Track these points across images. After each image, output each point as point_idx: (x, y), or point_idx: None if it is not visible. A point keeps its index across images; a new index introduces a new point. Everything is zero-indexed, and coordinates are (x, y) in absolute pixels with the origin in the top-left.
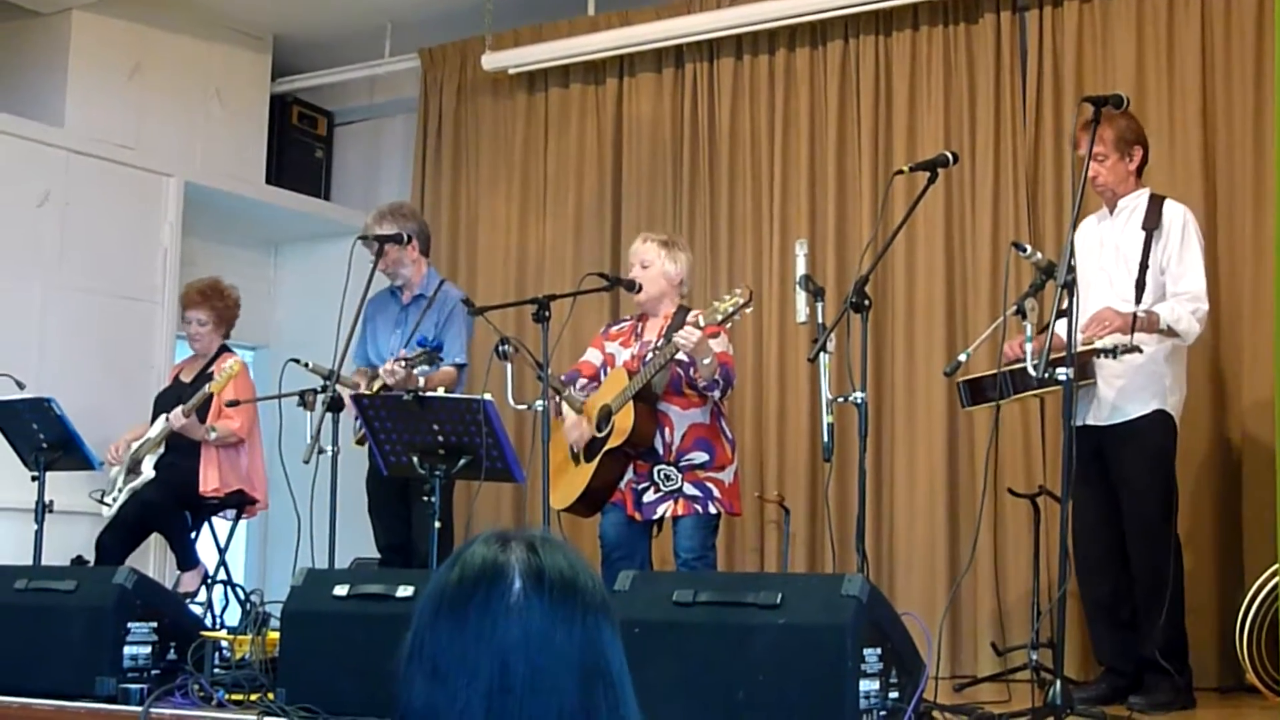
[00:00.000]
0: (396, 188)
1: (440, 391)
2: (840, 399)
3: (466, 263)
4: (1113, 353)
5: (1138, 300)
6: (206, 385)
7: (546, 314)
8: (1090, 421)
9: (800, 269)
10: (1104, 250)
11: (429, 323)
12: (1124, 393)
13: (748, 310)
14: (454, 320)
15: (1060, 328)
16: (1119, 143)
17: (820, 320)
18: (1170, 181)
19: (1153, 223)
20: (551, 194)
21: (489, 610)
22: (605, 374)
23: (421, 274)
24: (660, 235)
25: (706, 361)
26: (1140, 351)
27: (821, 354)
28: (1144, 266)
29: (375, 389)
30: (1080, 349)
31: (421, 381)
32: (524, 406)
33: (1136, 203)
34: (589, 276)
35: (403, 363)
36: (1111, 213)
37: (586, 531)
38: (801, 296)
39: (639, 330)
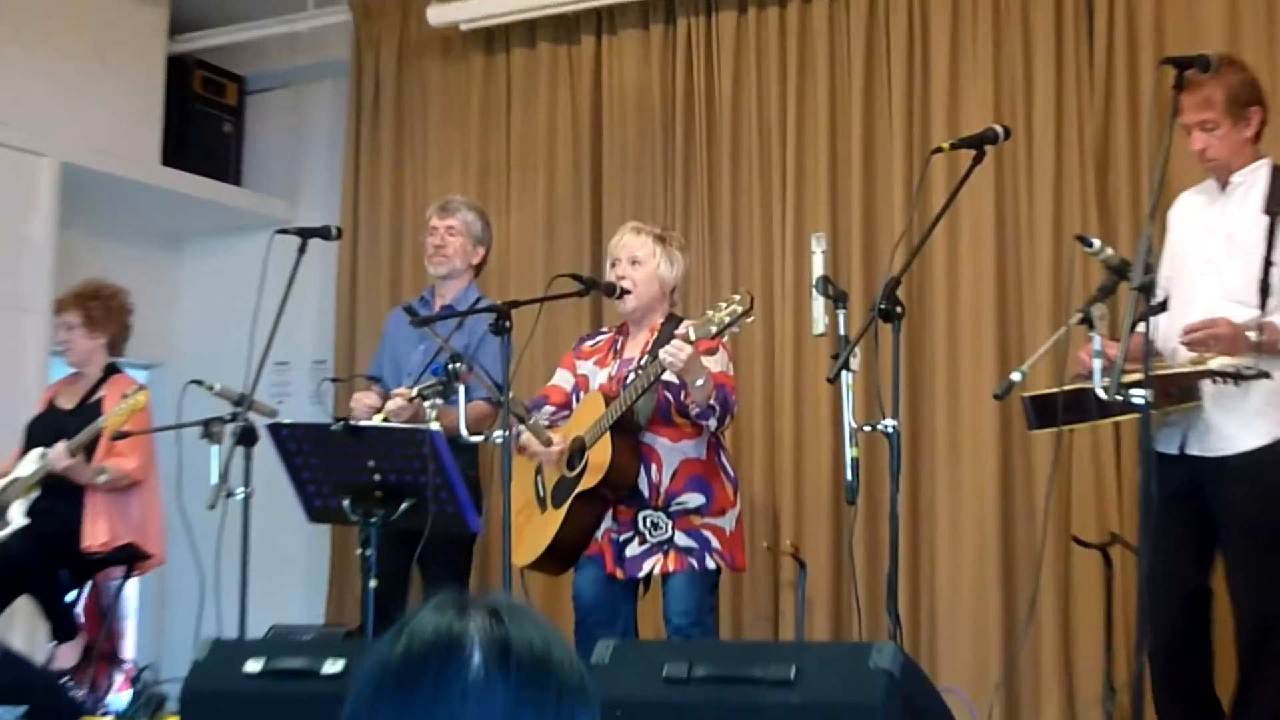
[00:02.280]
0: (324, 170)
1: (434, 426)
2: (867, 427)
3: (412, 261)
4: (1233, 378)
5: (1261, 305)
6: (101, 419)
7: (507, 325)
8: (1193, 451)
9: (818, 269)
10: (1213, 239)
11: (457, 344)
12: (1239, 418)
13: (749, 319)
14: (486, 347)
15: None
16: (1231, 105)
17: (842, 332)
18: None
19: (1277, 205)
20: (516, 178)
21: (442, 691)
22: (577, 400)
23: (463, 284)
24: (654, 227)
25: (700, 383)
26: (1269, 377)
27: (844, 373)
28: (1269, 263)
29: (379, 419)
30: (1186, 369)
31: (433, 416)
32: (479, 438)
33: (1254, 178)
34: (560, 279)
35: (413, 395)
36: (1223, 189)
37: (557, 593)
38: (819, 303)
39: (618, 346)
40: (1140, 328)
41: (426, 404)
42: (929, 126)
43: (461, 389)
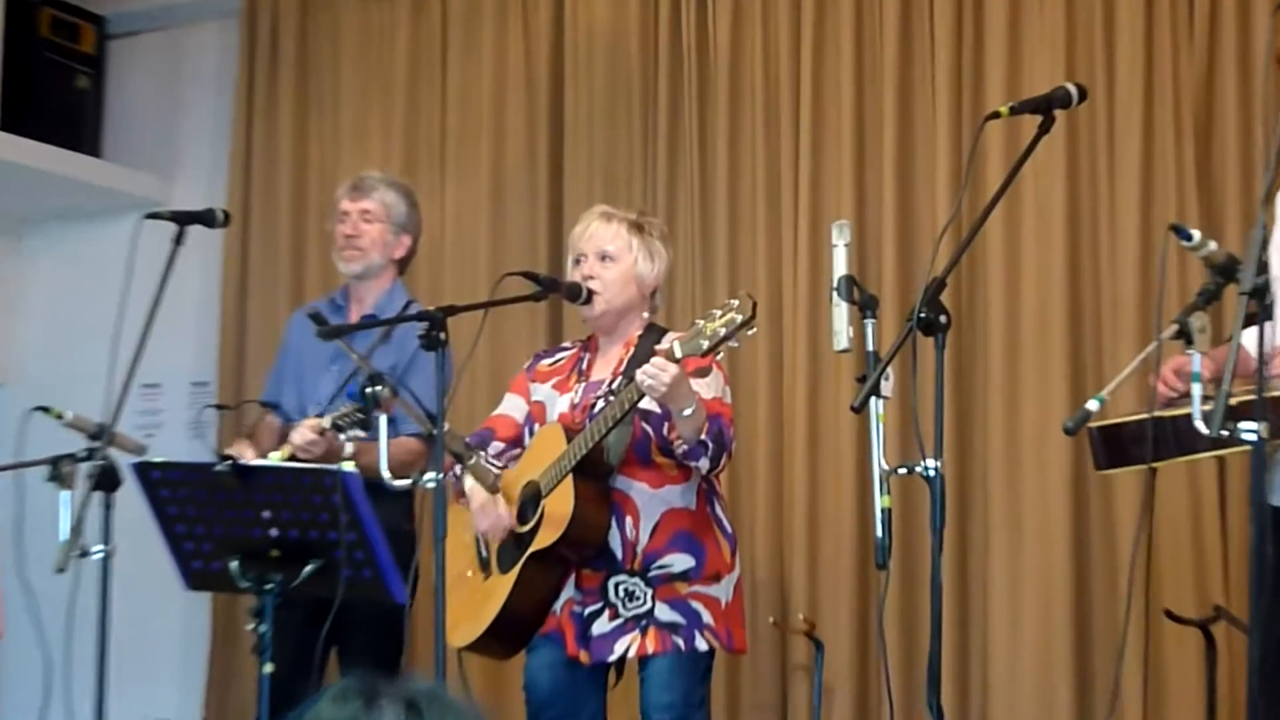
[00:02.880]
0: (206, 138)
1: (348, 466)
2: (903, 470)
3: (318, 252)
4: None
5: None
6: None
7: (442, 337)
8: None
9: (840, 267)
10: None
11: (382, 362)
12: None
13: (751, 331)
14: (419, 366)
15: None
16: None
17: (871, 347)
18: None
19: None
20: (453, 148)
21: None
22: (531, 435)
23: (384, 285)
24: (629, 212)
25: (687, 413)
26: None
27: (873, 400)
28: None
29: (278, 457)
30: None
31: (350, 451)
32: (405, 483)
33: None
34: (510, 279)
35: (326, 425)
36: None
37: (504, 681)
38: (841, 310)
39: (584, 365)
40: (1251, 341)
41: (342, 437)
42: (982, 86)
43: (383, 419)
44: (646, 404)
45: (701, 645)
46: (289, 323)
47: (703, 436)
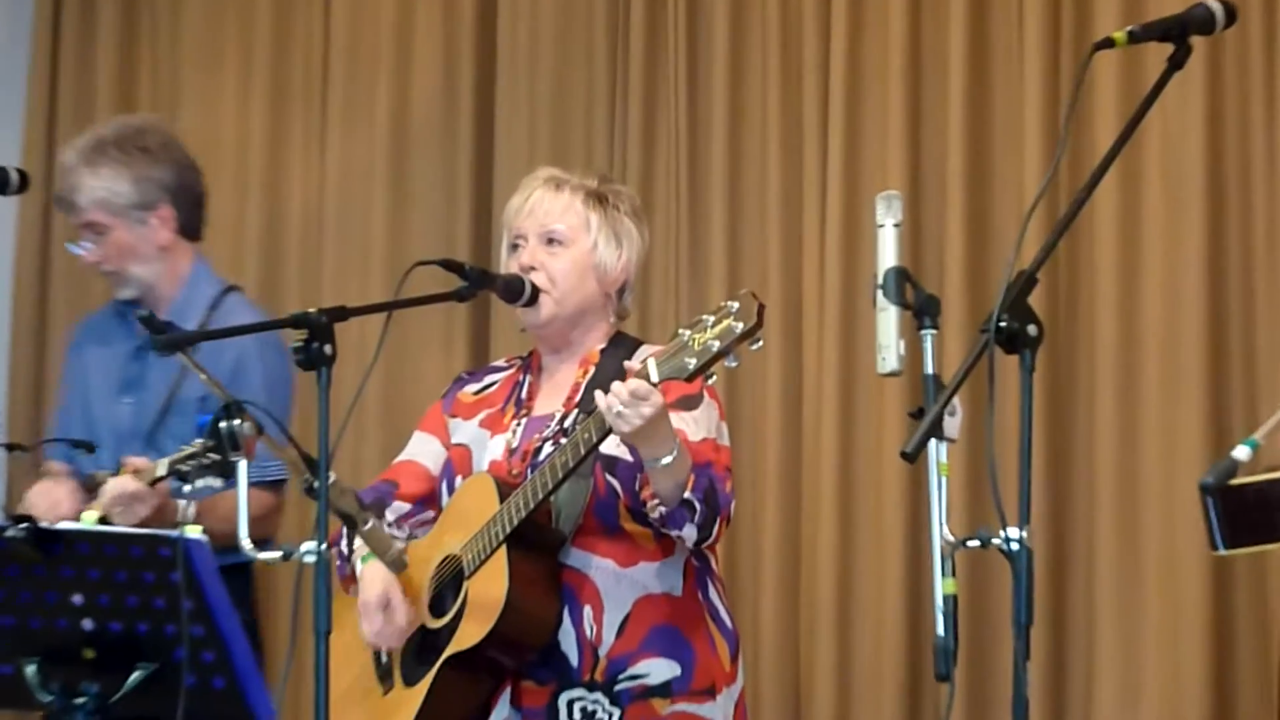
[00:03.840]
0: None
1: (192, 532)
2: (974, 543)
3: None
4: None
5: None
6: None
7: (327, 350)
8: None
9: (887, 255)
10: None
11: (195, 382)
12: None
13: (756, 345)
14: (247, 369)
15: None
16: None
17: (930, 369)
18: None
19: None
20: (340, 86)
21: None
22: (450, 491)
23: (180, 275)
24: (585, 177)
25: (666, 461)
26: None
27: (932, 443)
28: None
29: (91, 517)
30: None
31: (191, 514)
32: (273, 557)
33: None
34: (421, 268)
35: (160, 473)
36: None
37: None
38: (889, 317)
39: (524, 392)
40: None
41: (187, 489)
42: (1088, 3)
43: (243, 466)
44: (613, 447)
45: None
46: (71, 336)
47: (688, 494)
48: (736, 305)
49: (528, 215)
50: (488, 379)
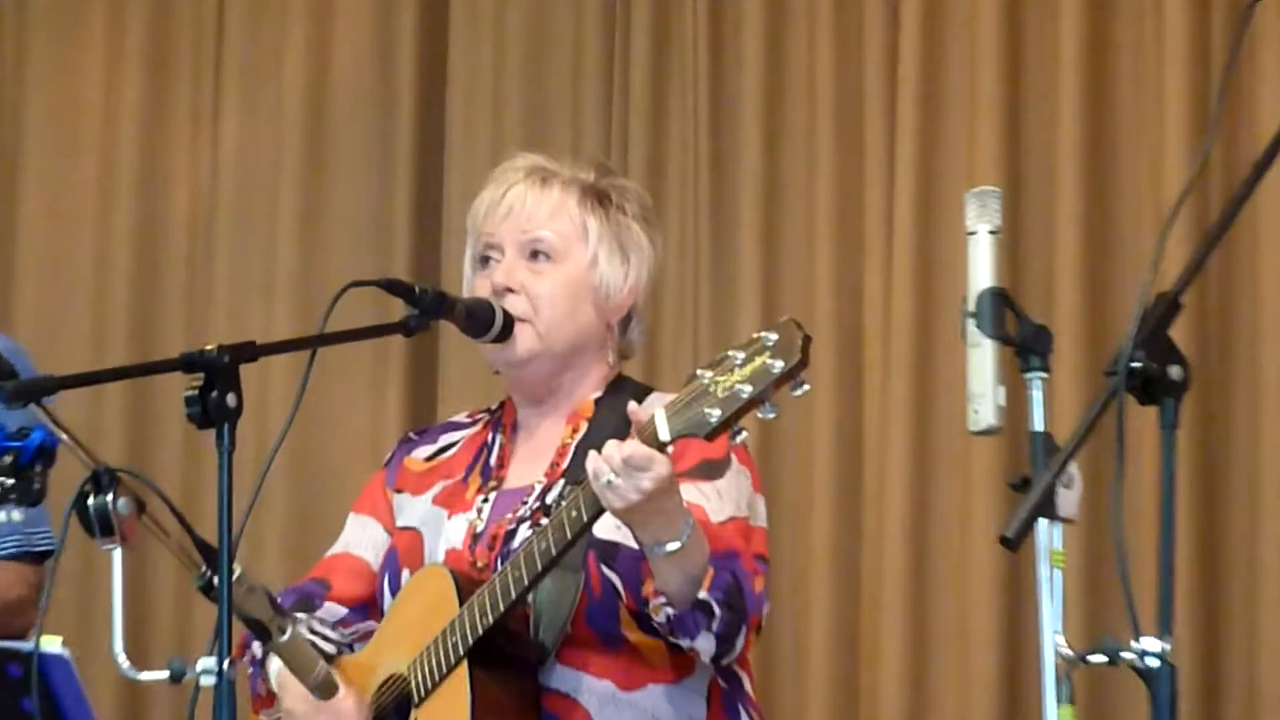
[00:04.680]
0: None
1: (50, 644)
2: (1099, 657)
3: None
4: None
5: None
6: None
7: (230, 401)
8: None
9: (981, 273)
10: None
11: None
12: None
13: (799, 391)
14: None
15: None
16: None
17: (1039, 425)
18: None
19: None
20: (237, 49)
21: None
22: (394, 590)
23: None
24: (578, 168)
25: (673, 548)
26: None
27: (1043, 525)
28: None
29: None
30: None
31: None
32: (160, 676)
33: None
34: (354, 289)
35: None
36: None
37: None
38: (983, 355)
39: (492, 457)
40: None
41: None
42: None
43: (118, 559)
44: (611, 530)
45: None
46: None
47: (703, 594)
48: (774, 338)
49: (505, 218)
50: (444, 439)
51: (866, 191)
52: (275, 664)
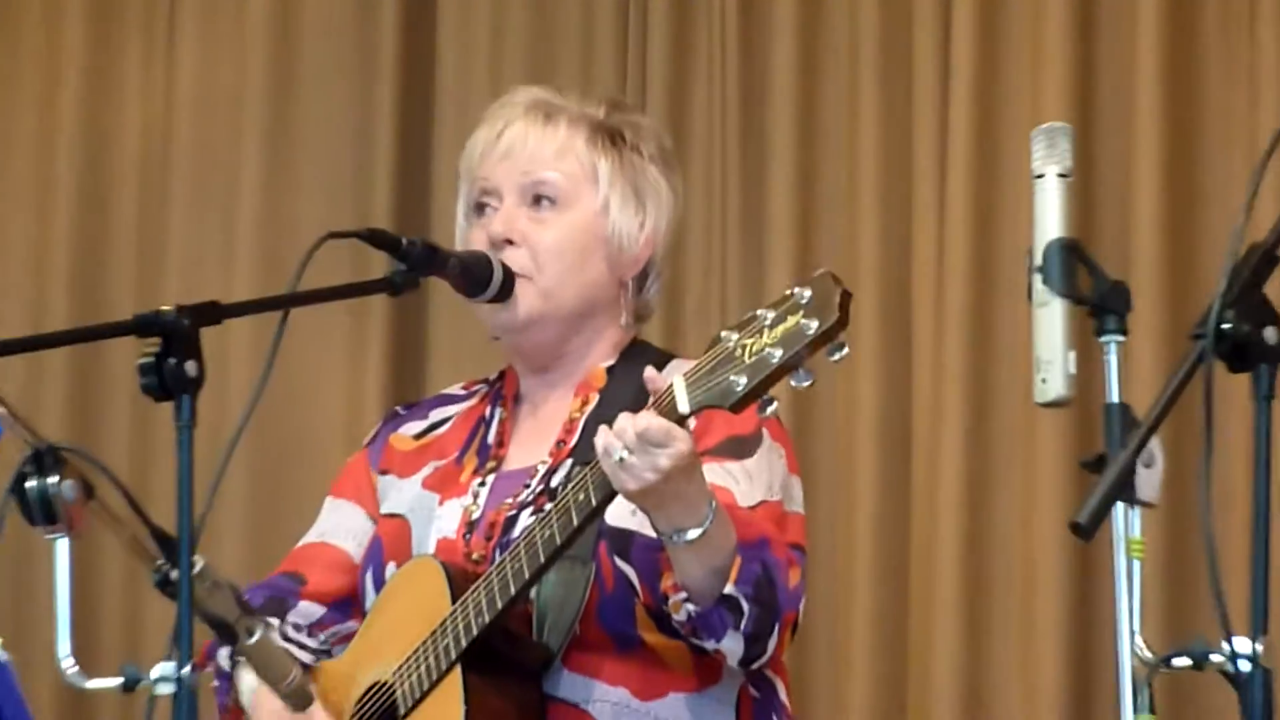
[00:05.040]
0: None
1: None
2: (1182, 660)
3: None
4: None
5: None
6: None
7: (190, 369)
8: None
9: (1049, 222)
10: None
11: None
12: None
13: (837, 355)
14: None
15: None
16: None
17: (1114, 396)
18: None
19: None
20: None
21: None
22: (378, 586)
23: None
24: (587, 103)
25: (694, 535)
26: None
27: (1119, 510)
28: None
29: None
30: None
31: None
32: (111, 684)
33: None
34: (331, 242)
35: None
36: None
37: None
38: (1054, 313)
39: (490, 434)
40: None
41: None
42: None
43: (63, 549)
44: (626, 516)
45: None
46: None
47: (730, 588)
48: (809, 294)
49: (503, 158)
50: (436, 415)
51: (916, 127)
52: (248, 680)
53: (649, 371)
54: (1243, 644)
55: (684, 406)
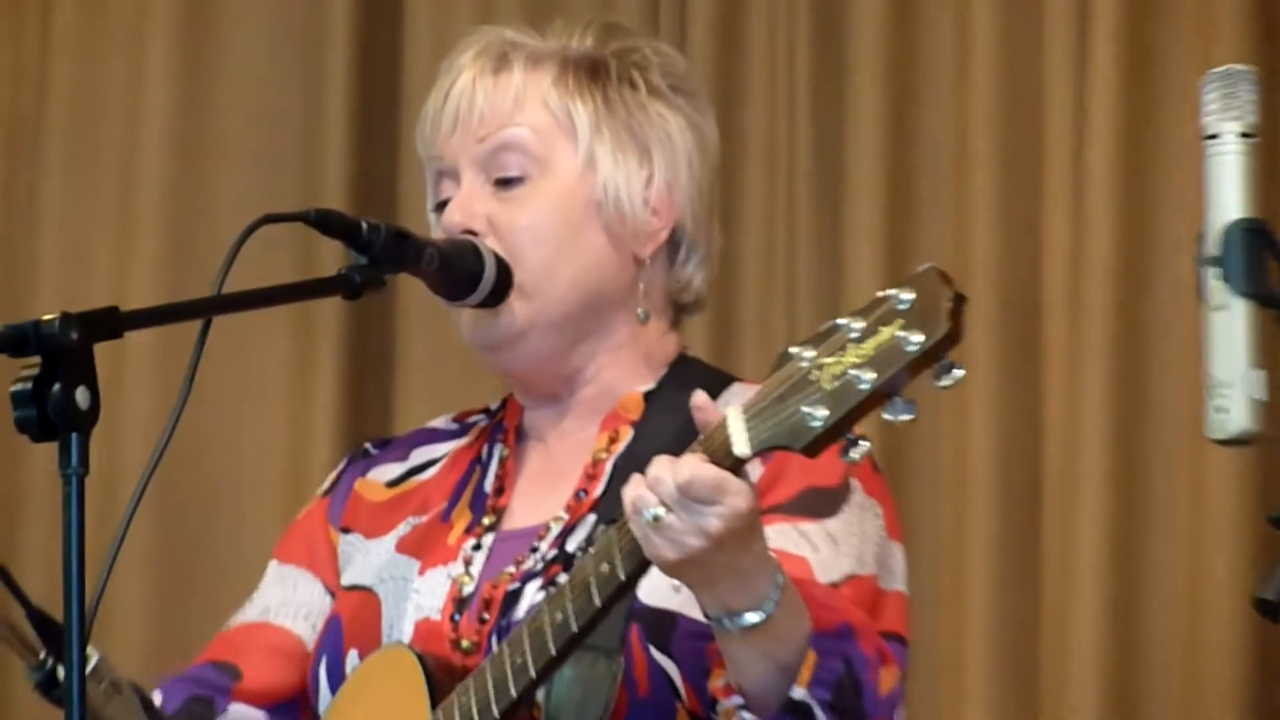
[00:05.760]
0: None
1: None
2: None
3: None
4: None
5: None
6: None
7: (81, 398)
8: None
9: (1228, 195)
10: None
11: None
12: None
13: (950, 377)
14: None
15: None
16: None
17: None
18: None
19: None
20: None
21: None
22: (334, 681)
23: None
24: (569, 32)
25: (753, 619)
26: None
27: None
28: None
29: None
30: None
31: None
32: None
33: None
34: (268, 225)
35: None
36: None
37: None
38: (1235, 318)
39: (487, 479)
40: None
41: None
42: None
43: None
44: (664, 593)
45: None
46: None
47: (799, 692)
48: (909, 298)
49: (454, 127)
50: (419, 455)
51: (1046, 76)
52: None
53: (698, 397)
54: None
55: (742, 448)
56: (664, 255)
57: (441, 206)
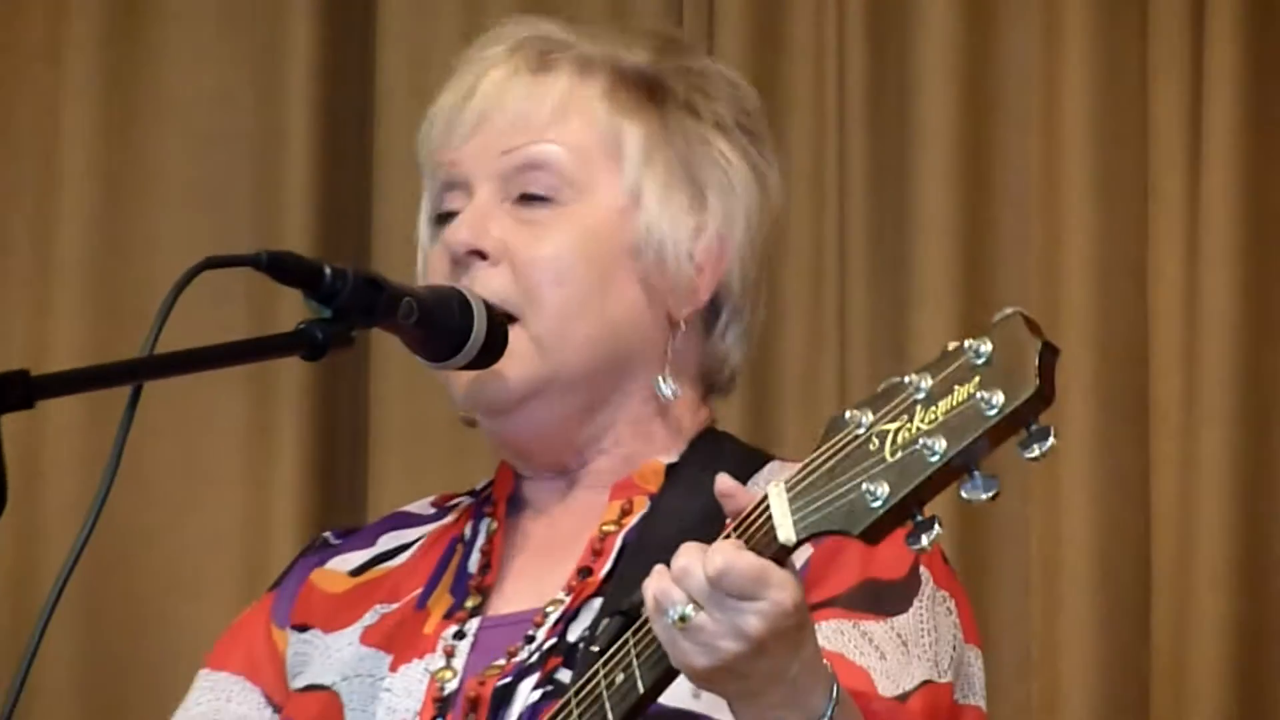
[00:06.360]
0: None
1: None
2: None
3: None
4: None
5: None
6: None
7: None
8: None
9: None
10: None
11: None
12: None
13: (1041, 448)
14: None
15: None
16: None
17: None
18: None
19: None
20: None
21: None
22: None
23: None
24: (623, 39)
25: None
26: None
27: None
28: None
29: None
30: None
31: None
32: None
33: None
34: (211, 270)
35: None
36: None
37: None
38: None
39: (470, 559)
40: None
41: None
42: None
43: None
44: (685, 697)
45: None
46: None
47: None
48: (988, 349)
49: (475, 130)
50: (387, 541)
51: (1152, 84)
52: None
53: (723, 483)
54: None
55: (787, 534)
56: (699, 321)
57: (443, 219)
